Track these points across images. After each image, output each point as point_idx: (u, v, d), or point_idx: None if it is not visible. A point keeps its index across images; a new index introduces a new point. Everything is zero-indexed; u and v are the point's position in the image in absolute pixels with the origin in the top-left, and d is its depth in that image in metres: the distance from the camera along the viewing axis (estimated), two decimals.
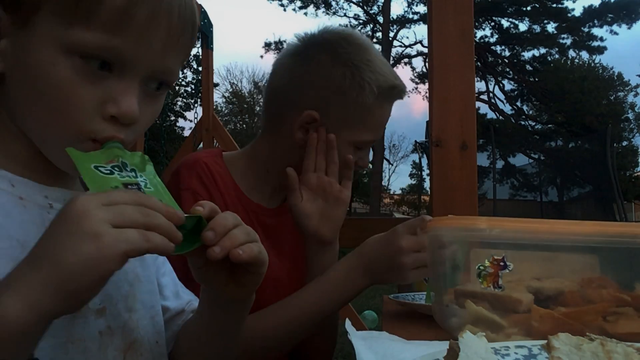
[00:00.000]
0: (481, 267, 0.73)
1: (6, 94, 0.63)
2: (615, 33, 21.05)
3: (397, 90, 1.12)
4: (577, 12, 21.08)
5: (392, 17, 22.11)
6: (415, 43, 22.51)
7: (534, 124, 22.04)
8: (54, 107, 0.60)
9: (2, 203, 0.61)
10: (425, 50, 19.35)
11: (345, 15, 22.69)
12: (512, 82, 22.13)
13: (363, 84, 1.06)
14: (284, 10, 23.68)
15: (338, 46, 1.09)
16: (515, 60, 22.06)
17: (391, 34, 22.19)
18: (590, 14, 20.84)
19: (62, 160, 0.62)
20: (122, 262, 0.49)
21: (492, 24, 21.80)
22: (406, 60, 23.10)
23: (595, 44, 21.17)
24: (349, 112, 1.07)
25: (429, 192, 1.47)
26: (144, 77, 0.63)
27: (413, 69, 23.72)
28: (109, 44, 0.59)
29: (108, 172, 0.59)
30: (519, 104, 22.32)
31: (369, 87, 1.06)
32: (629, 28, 20.77)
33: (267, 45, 23.49)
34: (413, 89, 23.53)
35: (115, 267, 0.49)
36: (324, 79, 1.08)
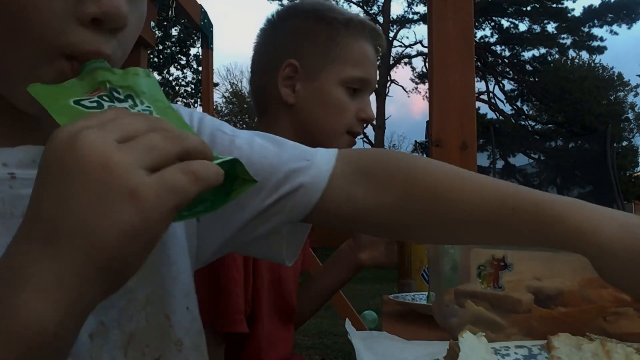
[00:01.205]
0: (481, 267, 0.73)
1: None
2: (615, 33, 21.06)
3: (370, 28, 1.12)
4: (577, 12, 21.09)
5: (392, 17, 22.11)
6: (415, 43, 22.49)
7: (534, 124, 22.03)
8: (12, 17, 0.43)
9: None
10: (425, 50, 19.34)
11: None
12: (512, 82, 22.13)
13: (330, 21, 1.09)
14: None
15: (300, 4, 1.17)
16: (515, 60, 22.05)
17: (391, 34, 22.18)
18: (590, 14, 20.83)
19: (26, 100, 0.43)
20: (171, 220, 0.36)
21: (492, 24, 21.79)
22: (406, 60, 23.10)
23: (595, 44, 21.17)
24: (324, 50, 1.08)
25: None
26: None
27: (413, 69, 23.71)
28: None
29: (94, 105, 0.42)
30: (519, 104, 22.31)
31: (336, 22, 1.09)
32: (629, 28, 20.78)
33: None
34: (413, 89, 23.52)
35: (164, 229, 0.36)
36: (292, 31, 1.12)
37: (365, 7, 22.56)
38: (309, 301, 1.27)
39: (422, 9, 21.37)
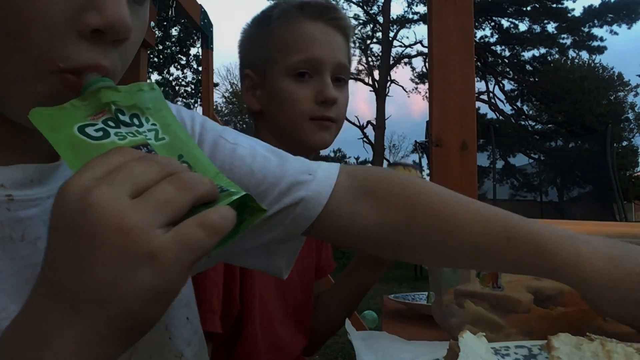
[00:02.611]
0: None
1: None
2: (615, 33, 21.05)
3: (310, 7, 1.06)
4: (577, 12, 21.09)
5: (392, 17, 22.10)
6: (415, 43, 22.48)
7: (534, 124, 22.02)
8: (9, 27, 0.40)
9: None
10: (425, 50, 19.33)
11: (345, 14, 22.65)
12: (512, 82, 22.12)
13: (265, 19, 1.09)
14: None
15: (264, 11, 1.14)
16: (515, 60, 22.05)
17: (391, 34, 22.17)
18: (590, 14, 20.82)
19: (22, 115, 0.40)
20: (190, 274, 0.36)
21: (492, 24, 21.79)
22: (406, 60, 23.09)
23: (595, 44, 21.16)
24: (264, 49, 1.07)
25: None
26: None
27: (413, 69, 23.70)
28: None
29: (100, 134, 0.39)
30: (519, 104, 22.31)
31: (270, 18, 1.08)
32: (629, 28, 20.78)
33: None
34: (413, 89, 23.52)
35: (183, 285, 0.36)
36: (242, 42, 1.13)
37: (365, 7, 22.56)
38: (335, 309, 1.20)
39: (422, 9, 21.37)
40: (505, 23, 21.78)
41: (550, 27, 21.25)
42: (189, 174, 0.37)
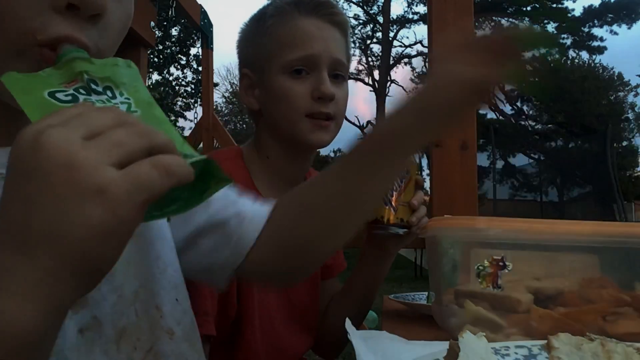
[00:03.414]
0: (480, 267, 0.73)
1: None
2: (615, 33, 21.07)
3: (305, 3, 1.05)
4: (577, 12, 21.10)
5: (392, 17, 22.10)
6: (415, 43, 22.48)
7: (534, 124, 22.03)
8: None
9: None
10: (425, 50, 19.33)
11: (345, 14, 22.66)
12: None
13: (261, 17, 1.08)
14: None
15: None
16: None
17: (391, 34, 22.18)
18: (590, 14, 20.84)
19: (5, 91, 0.41)
20: (142, 215, 0.35)
21: (492, 24, 21.77)
22: (406, 60, 23.10)
23: (595, 44, 21.18)
24: (261, 47, 1.06)
25: (429, 192, 1.47)
26: None
27: (413, 69, 23.71)
28: None
29: (69, 98, 0.40)
30: (519, 104, 22.31)
31: (266, 15, 1.07)
32: (629, 28, 20.80)
33: None
34: (413, 89, 23.50)
35: (136, 225, 0.35)
36: (240, 42, 1.13)
37: (365, 7, 22.57)
38: (348, 309, 1.14)
39: (422, 9, 21.38)
40: (505, 23, 21.76)
41: (550, 27, 21.25)
42: (146, 125, 0.37)
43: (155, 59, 17.49)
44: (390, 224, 1.01)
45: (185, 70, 19.26)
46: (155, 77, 17.61)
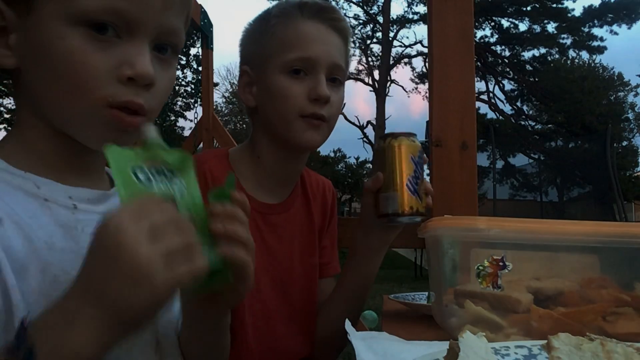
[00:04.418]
0: (480, 267, 0.73)
1: (26, 86, 0.65)
2: (615, 33, 21.06)
3: (309, 6, 1.07)
4: (577, 12, 21.11)
5: (392, 17, 22.11)
6: (415, 43, 22.50)
7: (534, 124, 22.03)
8: (70, 80, 0.61)
9: (27, 206, 0.62)
10: (425, 50, 19.33)
11: (345, 15, 22.67)
12: (512, 82, 22.13)
13: (265, 16, 1.10)
14: None
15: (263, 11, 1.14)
16: (515, 60, 22.05)
17: (391, 34, 22.18)
18: (590, 14, 20.83)
19: (90, 139, 0.65)
20: (173, 297, 0.53)
21: (492, 24, 21.80)
22: (406, 60, 23.11)
23: (595, 44, 21.17)
24: (263, 46, 1.08)
25: None
26: (152, 39, 0.64)
27: (413, 69, 23.73)
28: (110, 7, 0.60)
29: (145, 179, 0.56)
30: (519, 104, 22.32)
31: (270, 15, 1.08)
32: (629, 28, 20.79)
33: None
34: (413, 89, 23.54)
35: (168, 301, 0.52)
36: (243, 39, 1.14)
37: (365, 7, 22.57)
38: (342, 309, 1.13)
39: (422, 9, 21.38)
40: (505, 23, 21.80)
41: (550, 27, 21.27)
42: (189, 226, 0.53)
43: None
44: (414, 214, 0.98)
45: (185, 70, 19.25)
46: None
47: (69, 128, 0.65)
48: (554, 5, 20.61)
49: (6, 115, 14.44)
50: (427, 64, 17.27)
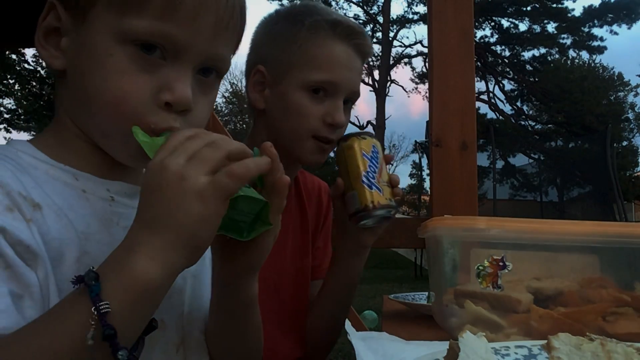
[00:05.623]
0: (480, 267, 0.73)
1: (68, 89, 0.66)
2: (615, 33, 21.07)
3: (343, 27, 1.06)
4: (577, 12, 21.12)
5: (392, 17, 22.11)
6: (415, 43, 22.51)
7: (534, 124, 22.03)
8: (112, 98, 0.62)
9: (66, 196, 0.64)
10: (425, 50, 19.33)
11: (345, 15, 22.65)
12: (512, 82, 22.13)
13: (296, 24, 1.07)
14: None
15: (284, 8, 1.13)
16: (515, 60, 22.05)
17: (391, 34, 22.19)
18: (590, 14, 20.83)
19: (122, 154, 0.67)
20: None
21: (492, 24, 21.80)
22: (406, 60, 23.11)
23: (595, 44, 21.17)
24: (288, 54, 1.06)
25: (429, 192, 1.47)
26: (196, 64, 0.65)
27: (413, 69, 23.75)
28: (160, 30, 0.61)
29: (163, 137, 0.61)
30: (519, 104, 22.32)
31: (301, 24, 1.06)
32: (629, 28, 20.80)
33: None
34: (413, 89, 23.55)
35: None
36: (263, 37, 1.12)
37: (365, 7, 22.58)
38: (330, 307, 1.13)
39: (422, 9, 21.39)
40: (505, 23, 21.80)
41: (550, 27, 21.28)
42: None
43: None
44: (377, 208, 0.97)
45: None
46: None
47: (104, 142, 0.66)
48: (554, 5, 20.61)
49: (6, 116, 14.43)
50: (427, 64, 17.27)
